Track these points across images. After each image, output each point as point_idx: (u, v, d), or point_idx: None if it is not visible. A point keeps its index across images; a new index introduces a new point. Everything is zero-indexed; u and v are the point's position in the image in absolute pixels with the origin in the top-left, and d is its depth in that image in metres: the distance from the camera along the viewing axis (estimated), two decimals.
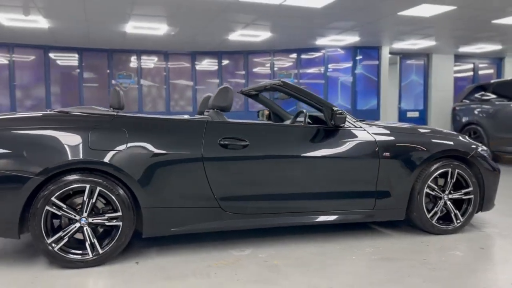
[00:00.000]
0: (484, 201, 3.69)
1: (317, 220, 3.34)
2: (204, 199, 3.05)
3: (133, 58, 10.52)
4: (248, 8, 6.10)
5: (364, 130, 3.46)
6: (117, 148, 2.87)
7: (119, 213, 2.86)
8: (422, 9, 6.20)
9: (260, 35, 8.32)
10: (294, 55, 10.31)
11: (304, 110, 3.81)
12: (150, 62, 10.75)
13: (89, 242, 2.83)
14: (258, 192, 3.18)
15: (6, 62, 9.56)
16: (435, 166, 3.52)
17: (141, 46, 9.98)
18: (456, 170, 3.57)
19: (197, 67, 10.73)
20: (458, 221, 3.60)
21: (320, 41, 9.16)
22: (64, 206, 2.78)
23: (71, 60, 10.27)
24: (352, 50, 9.99)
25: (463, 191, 3.63)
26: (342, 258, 3.02)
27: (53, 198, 2.74)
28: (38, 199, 2.73)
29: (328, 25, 7.46)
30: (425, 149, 3.50)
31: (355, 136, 3.41)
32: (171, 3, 5.94)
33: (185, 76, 10.82)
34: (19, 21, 7.01)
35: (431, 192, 3.53)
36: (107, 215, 2.87)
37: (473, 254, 3.12)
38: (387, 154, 3.41)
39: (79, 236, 2.87)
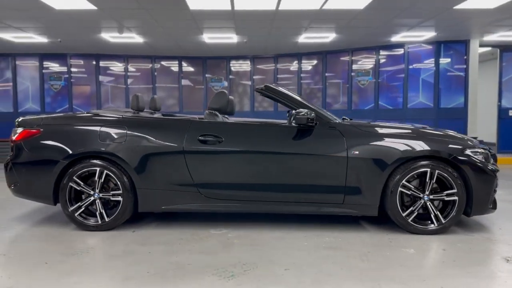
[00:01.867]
0: (474, 205, 3.55)
1: (287, 209, 3.70)
2: (185, 184, 3.69)
3: (223, 64, 11.67)
4: (293, 15, 6.48)
5: (336, 129, 3.67)
6: (118, 141, 3.71)
7: (120, 191, 3.70)
8: (479, 1, 5.73)
9: (328, 36, 8.52)
10: (373, 53, 10.14)
11: (293, 111, 4.15)
12: (238, 66, 11.77)
13: (98, 212, 3.72)
14: (230, 181, 3.69)
15: (122, 70, 11.59)
16: (411, 166, 3.55)
17: (227, 53, 11.03)
18: (436, 171, 3.53)
19: (280, 68, 11.36)
20: (439, 222, 3.56)
21: (395, 38, 8.88)
22: (82, 183, 3.73)
23: (173, 66, 11.87)
24: (436, 45, 9.37)
25: (445, 192, 3.57)
26: (294, 243, 3.35)
27: (74, 177, 3.71)
28: (64, 177, 3.72)
29: (389, 23, 7.31)
30: (397, 150, 3.56)
31: (325, 135, 3.65)
32: (227, 16, 6.68)
33: (269, 77, 11.54)
34: (119, 38, 8.62)
35: (406, 192, 3.57)
36: (111, 192, 3.74)
37: (425, 254, 3.13)
38: (356, 152, 3.58)
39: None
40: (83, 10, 6.21)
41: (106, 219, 3.72)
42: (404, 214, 3.58)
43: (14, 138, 3.90)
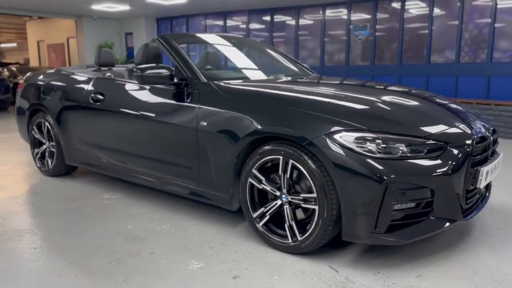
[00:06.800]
0: (344, 222, 2.16)
1: (152, 184, 3.18)
2: (87, 143, 3.66)
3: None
4: None
5: (197, 91, 2.80)
6: (48, 96, 3.97)
7: (54, 143, 4.02)
8: None
9: None
10: None
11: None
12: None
13: (46, 159, 4.17)
14: (107, 144, 3.44)
15: (293, 24, 11.32)
16: (262, 149, 2.43)
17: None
18: (291, 161, 2.30)
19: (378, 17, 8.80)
20: (295, 238, 2.36)
21: None
22: (38, 131, 4.21)
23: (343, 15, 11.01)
24: None
25: (302, 195, 2.30)
26: (121, 222, 2.91)
27: (34, 126, 4.23)
28: (30, 123, 4.28)
29: None
30: (246, 125, 2.47)
31: (187, 99, 2.85)
32: None
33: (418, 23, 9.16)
34: None
35: (257, 185, 2.49)
36: (51, 143, 4.09)
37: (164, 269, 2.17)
38: (204, 123, 2.69)
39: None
40: None
41: (50, 166, 4.15)
42: (254, 215, 2.53)
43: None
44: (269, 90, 2.71)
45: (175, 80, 2.89)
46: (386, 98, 2.62)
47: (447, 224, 2.25)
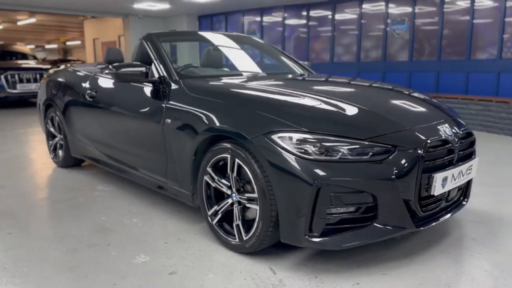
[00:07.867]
0: (280, 224, 2.13)
1: (129, 176, 3.34)
2: (87, 137, 3.87)
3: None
4: None
5: (169, 89, 2.86)
6: (56, 92, 4.24)
7: (62, 136, 4.30)
8: None
9: None
10: None
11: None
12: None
13: (57, 151, 4.46)
14: (101, 139, 3.62)
15: (329, 18, 11.27)
16: (214, 148, 2.45)
17: None
18: (237, 160, 2.30)
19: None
20: (240, 237, 2.36)
21: None
22: (51, 124, 4.51)
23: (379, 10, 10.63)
24: None
25: (247, 195, 2.29)
26: (101, 211, 3.07)
27: (48, 120, 4.54)
28: (45, 117, 4.60)
29: None
30: (201, 122, 2.51)
31: (156, 97, 2.92)
32: None
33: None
34: None
35: (211, 183, 2.51)
36: (60, 136, 4.37)
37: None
38: (169, 121, 2.75)
39: None
40: None
41: (60, 158, 4.44)
42: (209, 213, 2.56)
43: None
44: (231, 89, 2.71)
45: (152, 78, 2.99)
46: (345, 96, 2.52)
47: (395, 231, 2.14)
